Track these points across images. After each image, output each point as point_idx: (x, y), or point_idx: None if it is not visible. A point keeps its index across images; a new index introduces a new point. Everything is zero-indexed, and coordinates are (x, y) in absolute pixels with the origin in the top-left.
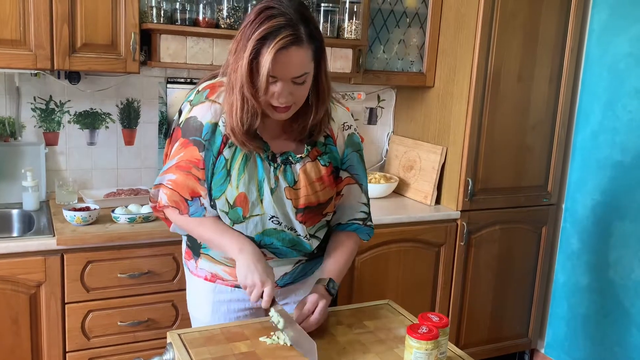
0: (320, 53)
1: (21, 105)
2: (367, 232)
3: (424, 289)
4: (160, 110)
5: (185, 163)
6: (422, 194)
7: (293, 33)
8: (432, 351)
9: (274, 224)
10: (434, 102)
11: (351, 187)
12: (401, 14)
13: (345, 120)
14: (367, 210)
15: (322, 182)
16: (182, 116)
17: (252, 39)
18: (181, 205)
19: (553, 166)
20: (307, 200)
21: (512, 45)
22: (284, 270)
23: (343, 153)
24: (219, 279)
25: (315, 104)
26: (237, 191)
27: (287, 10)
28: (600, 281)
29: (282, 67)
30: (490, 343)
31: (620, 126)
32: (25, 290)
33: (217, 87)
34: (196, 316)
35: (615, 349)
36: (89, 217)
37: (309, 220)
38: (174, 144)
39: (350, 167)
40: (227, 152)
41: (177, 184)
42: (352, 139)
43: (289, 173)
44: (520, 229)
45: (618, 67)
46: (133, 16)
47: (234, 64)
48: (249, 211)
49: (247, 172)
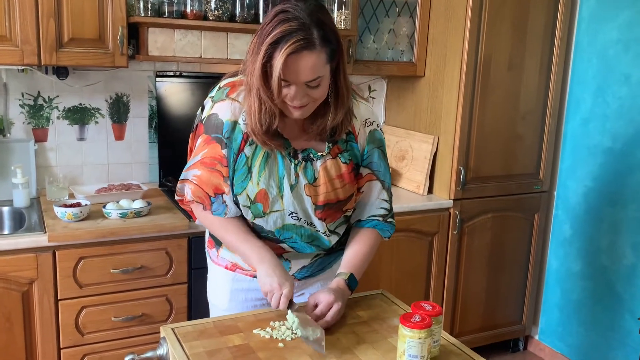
0: (337, 55)
1: (9, 101)
2: (388, 229)
3: (417, 278)
4: (150, 104)
5: (209, 160)
6: (414, 183)
7: (304, 37)
8: (425, 340)
9: (294, 220)
10: (424, 91)
11: (372, 184)
12: (390, 4)
13: (367, 117)
14: (388, 207)
15: (342, 179)
16: (205, 112)
17: (266, 43)
18: (205, 201)
19: (544, 153)
20: (326, 197)
21: (502, 33)
22: (302, 264)
23: (364, 150)
24: (239, 268)
25: (334, 106)
26: (258, 188)
27: (301, 14)
28: (593, 267)
29: (294, 72)
30: (485, 330)
31: (610, 113)
32: (17, 287)
33: (238, 85)
34: (215, 303)
35: (608, 333)
36: (80, 213)
37: (329, 217)
38: (197, 139)
39: (371, 164)
40: (247, 149)
41: (202, 180)
42: (374, 135)
43: (309, 170)
44: (512, 216)
45: (607, 54)
46: (120, 9)
47: (250, 65)
48: (269, 207)
49: (268, 169)
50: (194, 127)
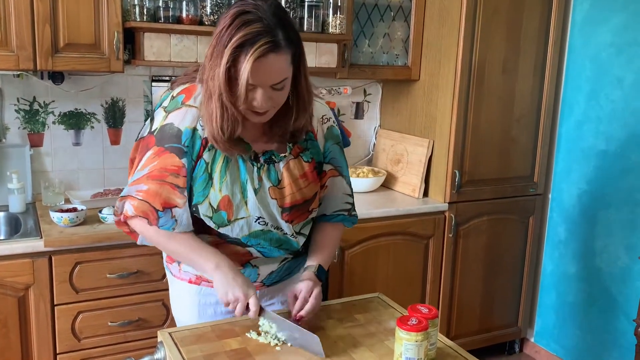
0: (299, 57)
1: (4, 106)
2: (352, 221)
3: (413, 282)
4: (145, 109)
5: (158, 172)
6: (410, 187)
7: (271, 40)
8: (422, 342)
9: (261, 225)
10: (419, 95)
11: (335, 179)
12: (385, 8)
13: (323, 114)
14: (351, 201)
15: (306, 178)
16: (157, 123)
17: (229, 47)
18: (150, 216)
19: (539, 156)
20: (292, 198)
21: (496, 37)
22: (270, 269)
23: (324, 146)
24: (204, 280)
25: (295, 107)
26: (221, 194)
27: (264, 15)
28: (588, 269)
29: (261, 75)
30: (481, 333)
31: (603, 116)
32: (13, 293)
33: (193, 91)
34: (182, 320)
35: (604, 335)
36: (76, 218)
37: (296, 218)
38: (143, 152)
39: (333, 160)
40: (206, 155)
41: (149, 194)
42: (332, 131)
43: (272, 172)
44: (507, 219)
45: (600, 57)
46: (116, 15)
47: (210, 71)
48: (234, 214)
49: (229, 174)
50: (137, 138)
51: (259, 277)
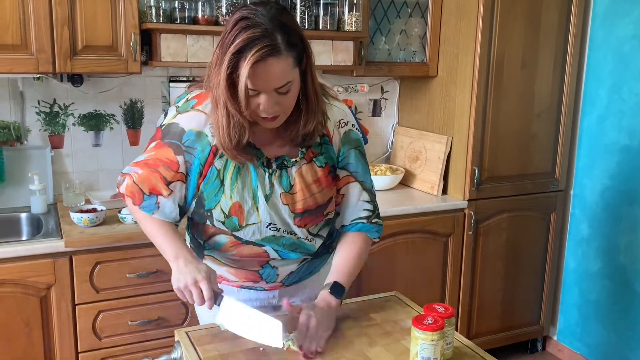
0: (304, 58)
1: (25, 109)
2: (375, 230)
3: (433, 280)
4: (163, 109)
5: (153, 161)
6: (428, 184)
7: (269, 44)
8: (438, 342)
9: (272, 231)
10: (437, 91)
11: (350, 186)
12: (402, 4)
13: (340, 118)
14: (371, 208)
15: (319, 183)
16: (167, 119)
17: (229, 53)
18: (136, 196)
19: (560, 152)
20: (304, 204)
21: (515, 31)
22: (289, 270)
23: (339, 151)
24: (224, 280)
25: (305, 110)
26: (231, 201)
27: (262, 20)
28: (611, 266)
29: (262, 80)
30: (502, 331)
31: (626, 109)
32: (35, 292)
33: (205, 98)
34: (205, 318)
35: (628, 333)
36: (96, 218)
37: (310, 222)
38: (151, 141)
39: (348, 165)
40: (218, 162)
41: (140, 178)
42: (349, 135)
43: (284, 178)
44: (528, 216)
45: (623, 50)
46: (132, 16)
47: (214, 78)
48: (245, 220)
49: (240, 180)
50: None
51: (278, 278)
